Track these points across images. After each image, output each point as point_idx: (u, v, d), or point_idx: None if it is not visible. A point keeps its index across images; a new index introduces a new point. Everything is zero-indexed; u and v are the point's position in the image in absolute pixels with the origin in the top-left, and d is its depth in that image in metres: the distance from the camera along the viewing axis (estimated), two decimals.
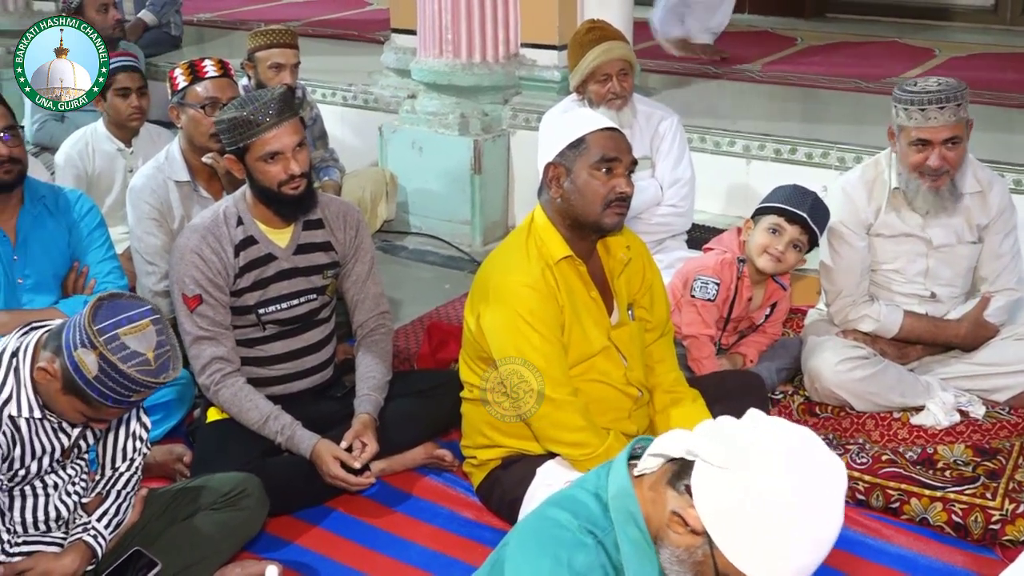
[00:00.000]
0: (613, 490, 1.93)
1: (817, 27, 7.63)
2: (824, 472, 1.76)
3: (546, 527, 1.94)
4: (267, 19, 7.31)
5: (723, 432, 1.82)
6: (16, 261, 3.42)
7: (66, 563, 2.63)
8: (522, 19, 5.15)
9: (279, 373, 3.38)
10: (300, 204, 3.24)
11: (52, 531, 2.69)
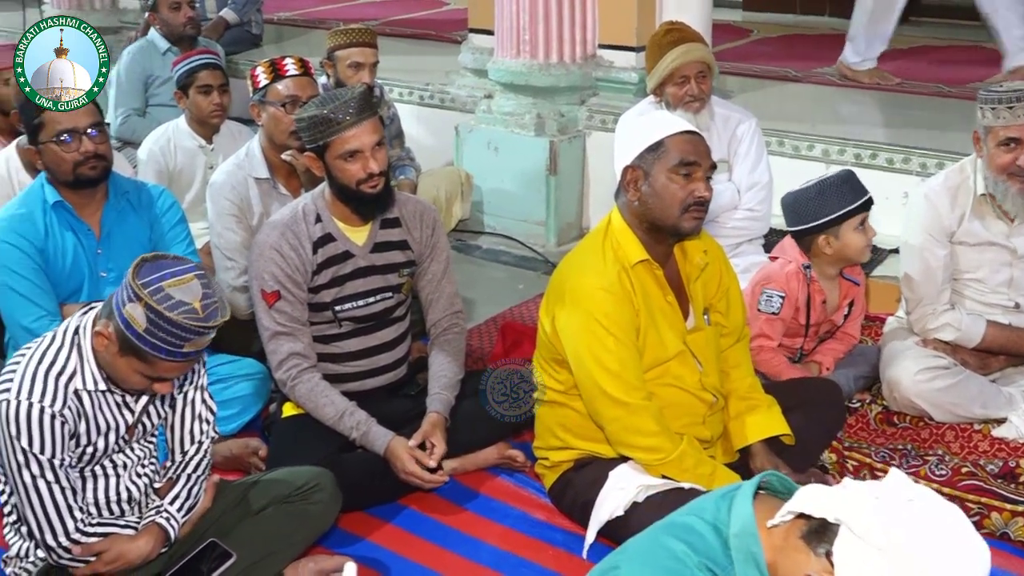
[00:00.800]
0: (736, 527, 1.87)
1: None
2: (975, 567, 1.67)
3: (662, 558, 1.89)
4: (346, 18, 7.36)
5: (874, 503, 1.70)
6: (100, 255, 3.48)
7: (140, 545, 2.68)
8: (600, 20, 5.14)
9: (354, 370, 3.41)
10: (378, 202, 3.27)
11: (125, 514, 2.74)
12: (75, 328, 2.57)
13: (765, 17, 7.74)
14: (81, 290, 3.48)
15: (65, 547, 2.58)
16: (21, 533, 2.69)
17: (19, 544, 2.71)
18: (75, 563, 2.62)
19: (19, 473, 2.50)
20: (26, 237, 3.36)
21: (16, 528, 2.71)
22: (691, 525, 1.93)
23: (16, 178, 3.97)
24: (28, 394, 2.47)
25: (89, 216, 3.46)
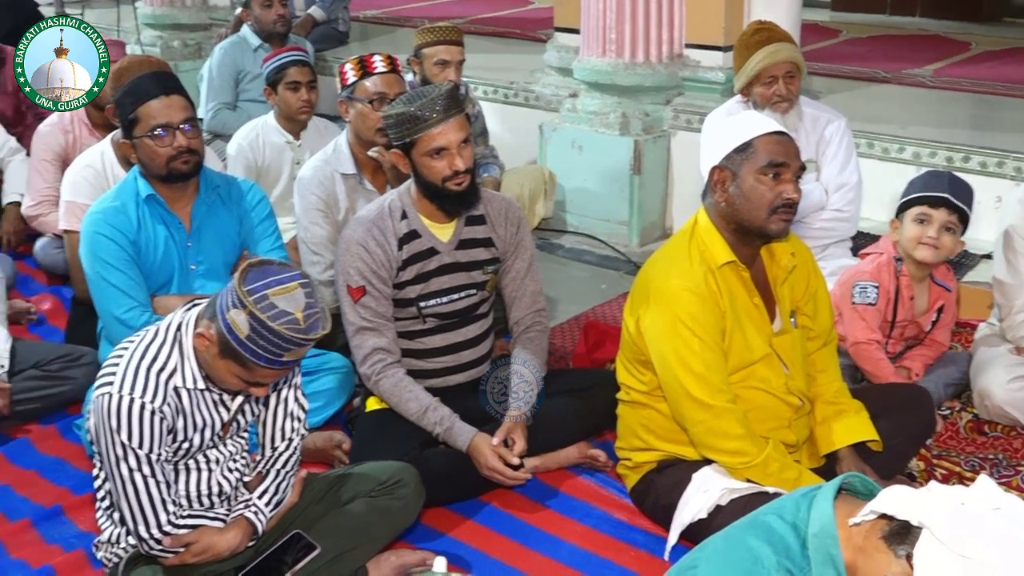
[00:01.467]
0: (815, 527, 1.85)
1: (992, 31, 7.36)
2: None
3: (740, 558, 1.88)
4: (431, 16, 7.40)
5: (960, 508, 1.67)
6: (190, 248, 3.53)
7: (229, 538, 2.71)
8: (687, 19, 5.10)
9: (437, 366, 3.42)
10: (464, 200, 3.28)
11: (215, 506, 2.78)
12: (177, 325, 2.61)
13: (854, 17, 7.64)
14: (171, 282, 3.53)
15: (156, 538, 2.63)
16: (114, 520, 2.75)
17: (111, 530, 2.77)
18: (165, 553, 2.66)
19: (117, 465, 2.55)
20: (119, 229, 3.42)
21: (109, 514, 2.77)
22: (770, 524, 1.91)
23: (111, 172, 4.05)
24: (130, 389, 2.52)
25: (180, 210, 3.51)
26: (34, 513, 3.29)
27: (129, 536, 2.70)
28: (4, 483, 3.47)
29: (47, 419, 3.78)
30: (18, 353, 3.80)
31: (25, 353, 3.83)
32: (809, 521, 1.86)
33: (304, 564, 2.76)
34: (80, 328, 4.06)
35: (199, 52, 6.99)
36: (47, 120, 4.95)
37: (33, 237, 4.98)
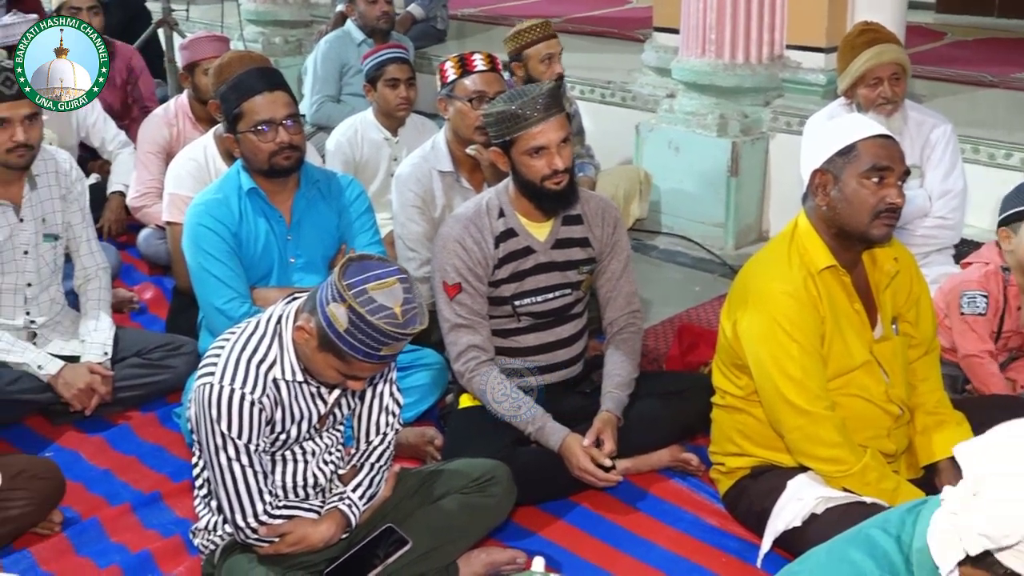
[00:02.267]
0: (920, 542, 1.80)
1: None
2: None
3: (843, 572, 1.85)
4: (528, 15, 7.38)
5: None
6: (290, 241, 3.57)
7: (322, 529, 2.73)
8: (789, 20, 5.02)
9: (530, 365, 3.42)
10: (562, 199, 3.26)
11: (310, 498, 2.81)
12: (278, 317, 2.64)
13: (960, 19, 7.44)
14: (271, 274, 3.58)
15: (252, 527, 2.66)
16: (211, 508, 2.79)
17: (208, 517, 2.81)
18: (260, 542, 2.70)
19: (216, 454, 2.58)
20: (222, 221, 3.47)
21: (207, 502, 2.81)
22: (874, 538, 1.87)
23: (213, 165, 4.11)
24: (231, 380, 2.55)
25: (281, 203, 3.55)
26: (134, 498, 3.35)
27: (226, 524, 2.74)
28: (105, 468, 3.54)
29: (147, 407, 3.85)
30: (121, 341, 3.88)
31: (127, 341, 3.91)
32: (914, 536, 1.81)
33: (396, 558, 2.77)
34: (181, 318, 4.12)
35: (299, 48, 7.08)
36: (152, 113, 5.05)
37: (136, 228, 5.07)
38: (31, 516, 3.15)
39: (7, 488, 3.06)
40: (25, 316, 3.81)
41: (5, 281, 3.74)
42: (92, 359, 3.74)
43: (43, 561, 3.06)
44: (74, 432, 3.73)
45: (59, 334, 3.88)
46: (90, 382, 3.66)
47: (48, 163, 3.78)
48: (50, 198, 3.78)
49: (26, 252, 3.74)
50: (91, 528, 3.21)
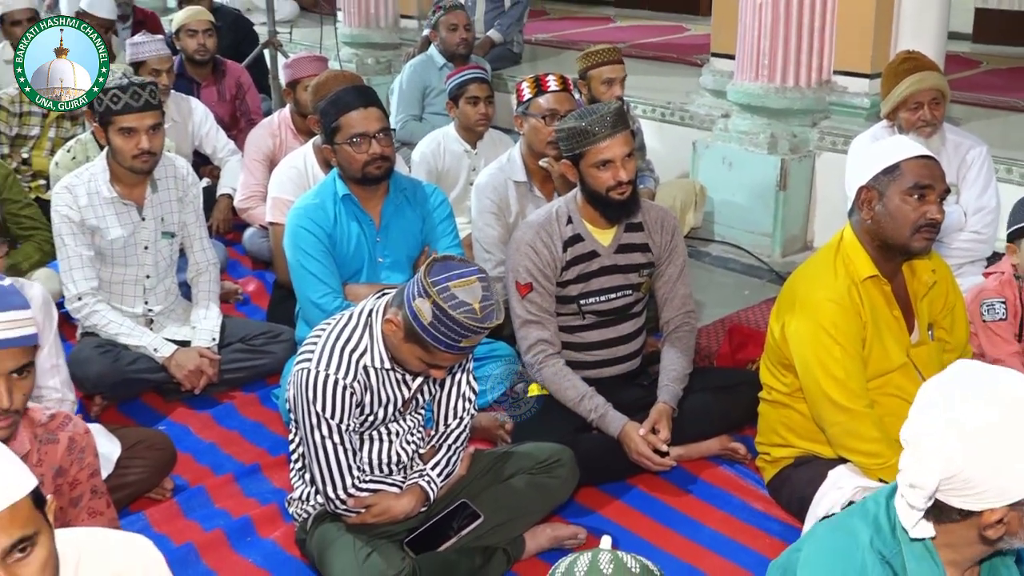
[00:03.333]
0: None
1: None
2: None
3: (840, 541, 1.84)
4: (596, 40, 7.36)
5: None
6: (378, 243, 3.58)
7: (404, 502, 2.75)
8: (836, 48, 4.95)
9: (593, 359, 3.40)
10: (625, 208, 3.25)
11: (393, 474, 2.82)
12: (369, 311, 2.65)
13: (995, 49, 7.29)
14: (361, 272, 3.59)
15: (342, 499, 2.68)
16: (305, 480, 2.81)
17: (302, 488, 2.83)
18: (348, 512, 2.71)
19: (311, 433, 2.61)
20: (318, 223, 3.49)
21: (301, 475, 2.83)
22: (867, 505, 1.89)
23: (311, 172, 4.14)
24: (326, 366, 2.57)
25: (371, 208, 3.57)
26: (236, 469, 3.39)
27: (318, 495, 2.76)
28: (211, 441, 3.58)
29: (249, 387, 3.89)
30: (227, 328, 3.92)
31: (233, 329, 3.96)
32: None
33: (468, 531, 2.78)
34: (280, 309, 4.16)
35: (389, 69, 7.11)
36: (258, 125, 5.09)
37: (242, 227, 5.12)
38: (146, 482, 3.20)
39: (126, 457, 3.10)
40: (144, 304, 3.87)
41: (127, 273, 3.80)
42: (201, 344, 3.79)
43: (155, 523, 3.11)
44: (184, 408, 3.78)
45: (173, 321, 3.93)
46: (199, 364, 3.71)
47: (168, 168, 3.83)
48: (168, 200, 3.83)
49: (146, 247, 3.80)
50: (198, 495, 3.25)
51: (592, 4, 9.56)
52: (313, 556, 2.79)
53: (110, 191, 3.69)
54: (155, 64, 5.07)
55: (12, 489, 1.49)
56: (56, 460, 2.27)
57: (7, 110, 5.27)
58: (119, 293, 3.82)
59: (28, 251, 4.14)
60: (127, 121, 3.56)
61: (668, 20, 8.60)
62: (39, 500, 1.55)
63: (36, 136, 5.35)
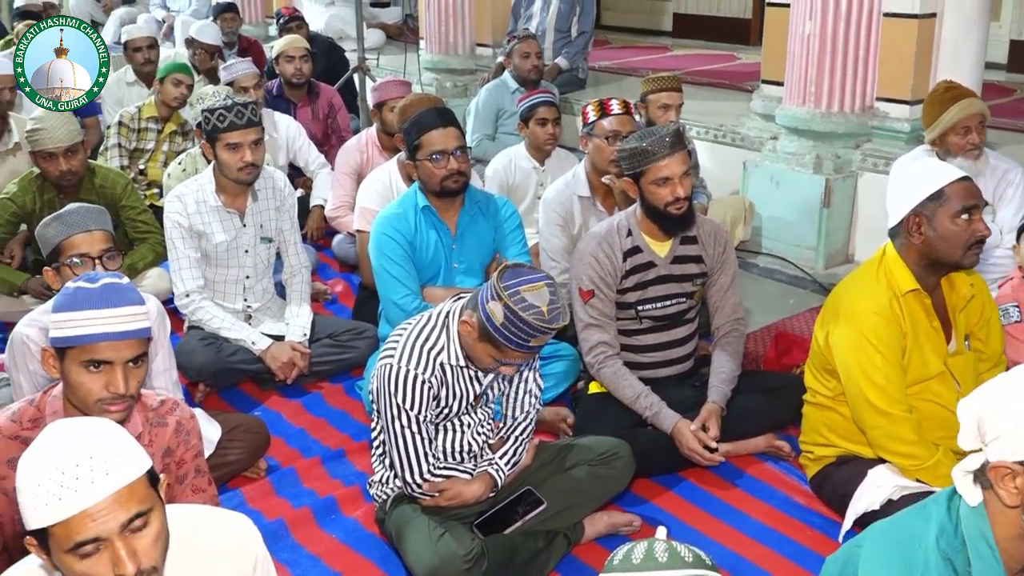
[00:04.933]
0: (966, 508, 1.75)
1: None
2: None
3: (901, 539, 1.78)
4: (654, 68, 7.29)
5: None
6: (454, 250, 3.58)
7: (474, 488, 2.73)
8: (879, 76, 4.84)
9: (649, 360, 3.35)
10: (682, 222, 3.20)
11: (464, 462, 2.81)
12: (447, 312, 2.65)
13: None
14: (437, 277, 3.59)
15: (418, 483, 2.67)
16: (385, 465, 2.81)
17: (382, 473, 2.83)
18: (423, 496, 2.71)
19: (392, 422, 2.60)
20: (400, 231, 3.50)
21: (381, 460, 2.83)
22: (929, 507, 1.83)
23: (395, 185, 4.15)
24: (407, 361, 2.57)
25: (448, 219, 3.56)
26: (323, 453, 3.40)
27: (396, 479, 2.76)
28: (301, 427, 3.60)
29: (335, 379, 3.90)
30: (316, 325, 3.95)
31: (321, 325, 3.98)
32: (962, 503, 1.76)
33: (532, 516, 2.76)
34: (364, 308, 4.17)
35: (465, 92, 7.11)
36: (347, 142, 5.12)
37: (332, 233, 5.15)
38: (243, 462, 3.23)
39: (225, 439, 3.14)
40: (243, 302, 3.91)
41: (229, 274, 3.85)
42: (294, 338, 3.82)
43: (250, 499, 3.13)
44: (277, 396, 3.80)
45: (269, 317, 3.97)
46: (292, 357, 3.74)
47: (267, 180, 3.87)
48: (267, 208, 3.87)
49: (246, 251, 3.84)
50: (289, 475, 3.27)
51: (650, 34, 9.48)
52: (391, 534, 2.78)
53: (216, 200, 3.73)
54: (243, 82, 5.18)
55: (132, 468, 1.51)
56: (164, 441, 2.30)
57: (127, 126, 5.39)
58: (222, 291, 3.87)
59: (143, 252, 4.20)
60: (232, 137, 3.60)
61: (720, 49, 8.50)
62: (154, 478, 1.57)
63: (151, 149, 5.46)
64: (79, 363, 2.06)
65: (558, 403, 3.58)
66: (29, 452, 1.51)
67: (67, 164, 3.93)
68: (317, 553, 2.86)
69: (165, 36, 8.98)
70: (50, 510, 1.46)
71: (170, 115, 5.46)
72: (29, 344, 2.75)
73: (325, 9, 9.12)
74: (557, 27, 6.77)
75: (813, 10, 4.72)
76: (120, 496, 1.48)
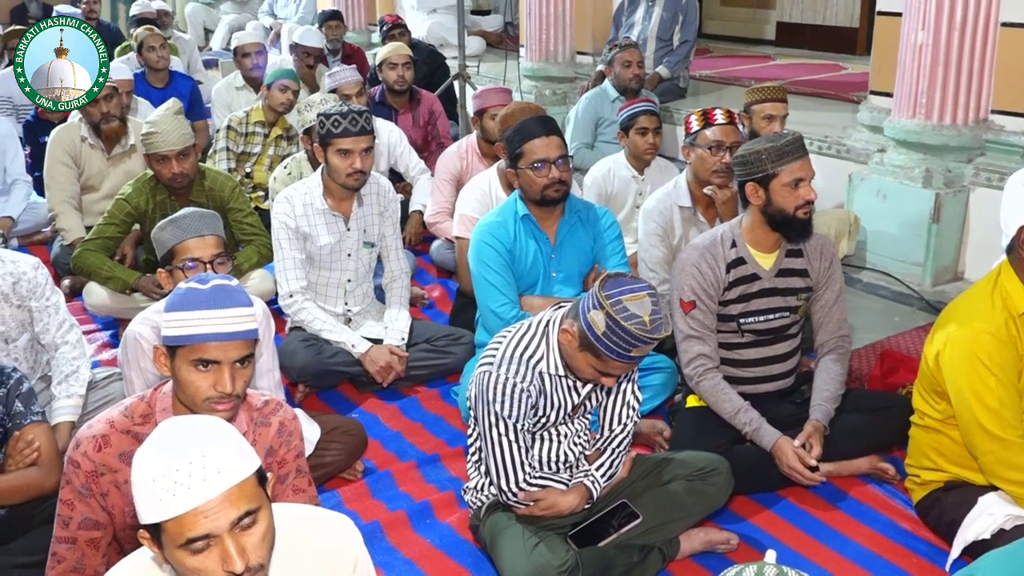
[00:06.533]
0: None
1: None
2: None
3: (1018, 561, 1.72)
4: (756, 77, 7.18)
5: None
6: (553, 259, 3.57)
7: (569, 499, 2.72)
8: (995, 87, 4.67)
9: (750, 375, 3.29)
10: (805, 228, 3.11)
11: (560, 472, 2.79)
12: (547, 321, 2.64)
13: None
14: (536, 285, 3.58)
15: (513, 491, 2.67)
16: (481, 472, 2.81)
17: (478, 479, 2.83)
18: (518, 504, 2.70)
19: (489, 430, 2.61)
20: (500, 239, 3.50)
21: (477, 467, 2.83)
22: None
23: (495, 193, 4.16)
24: (506, 370, 2.57)
25: (548, 227, 3.55)
26: (418, 457, 3.43)
27: (491, 486, 2.76)
28: (397, 430, 3.63)
29: (432, 384, 3.92)
30: (414, 330, 3.98)
31: (419, 330, 4.01)
32: None
33: (627, 530, 2.73)
34: (462, 314, 4.19)
35: (564, 100, 7.11)
36: (448, 149, 5.15)
37: (429, 239, 5.19)
38: (340, 464, 3.27)
39: (324, 440, 3.18)
40: (344, 304, 3.96)
41: (331, 276, 3.91)
42: (392, 342, 3.86)
43: (347, 500, 3.17)
44: (375, 399, 3.84)
45: (368, 320, 4.02)
46: (390, 361, 3.77)
47: (373, 186, 3.91)
48: (371, 213, 3.92)
49: (349, 255, 3.90)
50: (385, 478, 3.30)
51: (753, 43, 9.33)
52: (485, 541, 2.79)
53: (322, 203, 3.80)
54: (346, 89, 5.28)
55: (242, 467, 1.54)
56: (268, 441, 2.33)
57: (235, 130, 5.53)
58: (323, 294, 3.93)
59: (248, 254, 4.30)
60: (344, 143, 3.66)
61: (825, 59, 8.32)
62: (262, 477, 1.59)
63: (258, 153, 5.59)
64: (189, 362, 2.11)
65: (654, 416, 3.54)
66: (144, 448, 1.55)
67: (179, 166, 4.04)
68: (411, 557, 2.88)
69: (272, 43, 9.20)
70: (164, 506, 1.49)
71: (276, 120, 5.58)
72: (141, 342, 2.83)
73: (427, 16, 9.23)
74: (659, 36, 6.72)
75: (926, 19, 4.58)
76: (231, 494, 1.51)
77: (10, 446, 2.70)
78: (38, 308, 3.19)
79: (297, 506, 1.93)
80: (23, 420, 2.71)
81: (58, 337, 3.22)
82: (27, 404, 2.73)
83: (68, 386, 3.17)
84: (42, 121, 5.86)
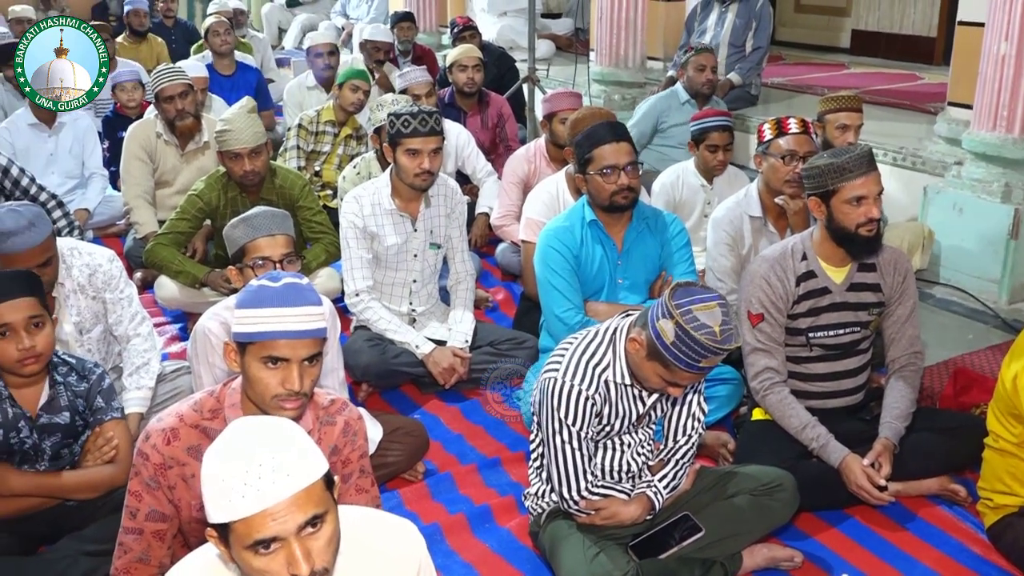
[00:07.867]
0: None
1: None
2: None
3: None
4: (830, 86, 7.06)
5: None
6: (619, 266, 3.54)
7: (631, 509, 2.69)
8: None
9: (818, 390, 3.22)
10: (870, 245, 3.06)
11: (623, 482, 2.77)
12: (614, 329, 2.62)
13: None
14: (601, 291, 3.55)
15: (575, 499, 2.65)
16: (542, 478, 2.80)
17: (538, 485, 2.82)
18: (579, 512, 2.68)
19: (553, 436, 2.59)
20: (566, 244, 3.48)
21: (539, 473, 2.82)
22: None
23: (562, 198, 4.13)
24: (571, 377, 2.55)
25: (615, 234, 3.53)
26: (479, 460, 3.42)
27: (552, 493, 2.74)
28: (459, 433, 3.63)
29: (494, 387, 3.90)
30: (478, 332, 3.97)
31: (483, 333, 4.00)
32: None
33: (689, 543, 2.69)
34: (526, 318, 4.18)
35: (633, 105, 7.03)
36: (515, 152, 5.14)
37: (495, 242, 5.19)
38: (402, 464, 3.28)
39: (386, 440, 3.19)
40: (408, 305, 3.98)
41: (397, 276, 3.92)
42: (456, 344, 3.86)
43: (407, 501, 3.17)
44: (437, 401, 3.84)
45: (432, 321, 4.03)
46: (453, 363, 3.77)
47: (440, 187, 3.92)
48: (438, 215, 3.93)
49: (415, 256, 3.91)
50: (445, 480, 3.30)
51: (827, 51, 9.18)
52: (544, 548, 2.77)
53: (390, 203, 3.81)
54: (416, 89, 5.33)
55: (311, 471, 1.54)
56: (332, 440, 2.34)
57: (306, 129, 5.59)
58: (388, 293, 3.95)
59: (316, 252, 4.33)
60: (414, 143, 3.67)
61: (901, 68, 8.15)
62: (329, 481, 1.59)
63: (327, 152, 5.64)
64: (258, 359, 2.12)
65: (719, 428, 3.49)
66: (214, 448, 1.56)
67: (251, 164, 4.09)
68: (470, 561, 2.87)
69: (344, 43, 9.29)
70: (233, 507, 1.50)
71: (346, 119, 5.63)
72: (211, 337, 2.86)
73: (498, 19, 9.24)
74: (731, 42, 6.64)
75: (1010, 30, 4.45)
76: (299, 498, 1.51)
77: (89, 442, 2.76)
78: (112, 300, 3.25)
79: (363, 509, 1.93)
80: (103, 416, 2.77)
81: (130, 329, 3.28)
82: (108, 400, 2.79)
83: (138, 378, 3.22)
84: (120, 117, 6.01)
